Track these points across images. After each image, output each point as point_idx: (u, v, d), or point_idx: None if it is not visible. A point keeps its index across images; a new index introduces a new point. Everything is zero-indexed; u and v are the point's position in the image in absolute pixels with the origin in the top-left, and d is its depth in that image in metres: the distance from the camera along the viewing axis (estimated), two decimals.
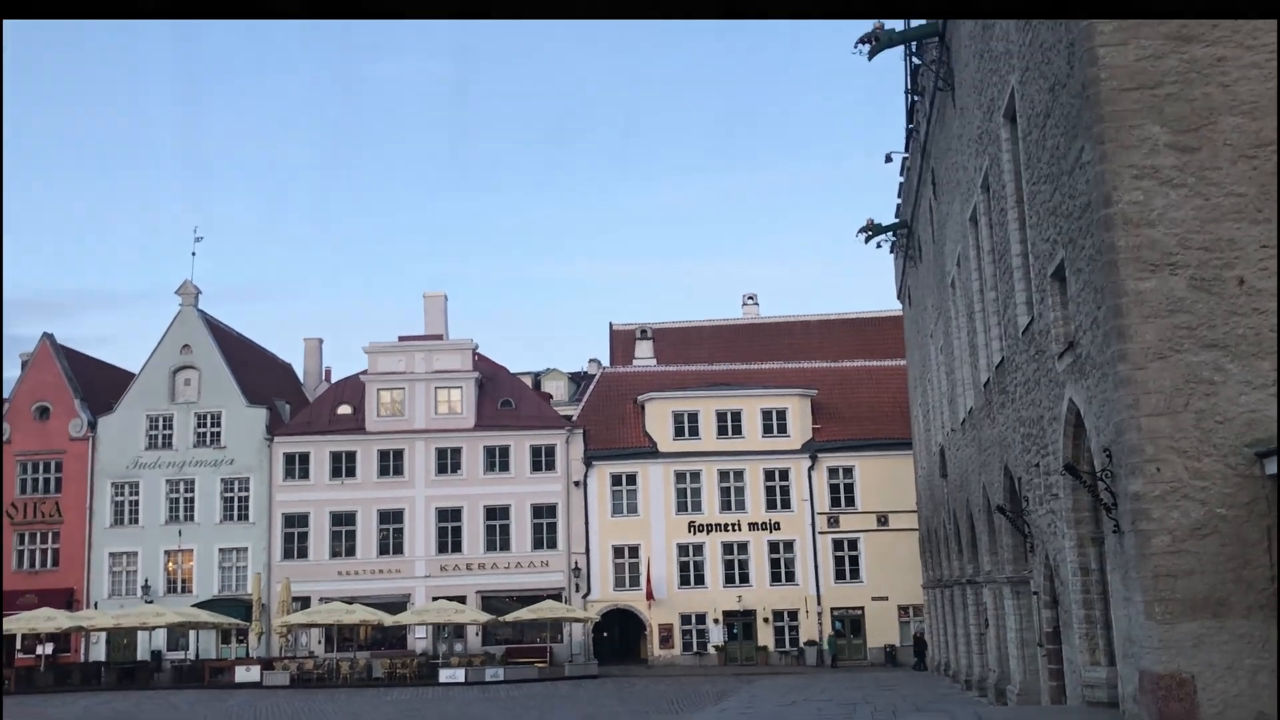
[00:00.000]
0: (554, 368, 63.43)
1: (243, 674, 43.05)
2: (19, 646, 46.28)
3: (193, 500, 50.01)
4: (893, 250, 41.20)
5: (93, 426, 50.28)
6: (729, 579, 49.92)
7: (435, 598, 47.85)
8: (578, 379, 62.67)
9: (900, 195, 36.80)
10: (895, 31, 24.61)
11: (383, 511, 49.99)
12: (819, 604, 49.73)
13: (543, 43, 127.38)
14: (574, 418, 52.19)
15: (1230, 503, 11.57)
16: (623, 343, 63.05)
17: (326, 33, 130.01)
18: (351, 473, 50.22)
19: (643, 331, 62.76)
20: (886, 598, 49.39)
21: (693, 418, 50.96)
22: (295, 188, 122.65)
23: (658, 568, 49.58)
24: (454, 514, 50.11)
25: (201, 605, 47.57)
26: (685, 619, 49.63)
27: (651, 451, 50.59)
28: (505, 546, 49.94)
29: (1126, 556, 12.26)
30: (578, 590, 49.49)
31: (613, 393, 53.71)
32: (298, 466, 50.20)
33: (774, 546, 50.15)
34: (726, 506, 50.36)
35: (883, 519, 49.90)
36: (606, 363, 61.27)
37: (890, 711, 22.91)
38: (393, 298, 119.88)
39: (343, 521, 49.94)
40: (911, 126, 31.37)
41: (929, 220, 30.55)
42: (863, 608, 49.84)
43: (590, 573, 49.73)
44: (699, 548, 50.08)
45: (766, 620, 49.63)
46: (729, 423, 50.95)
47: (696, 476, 50.52)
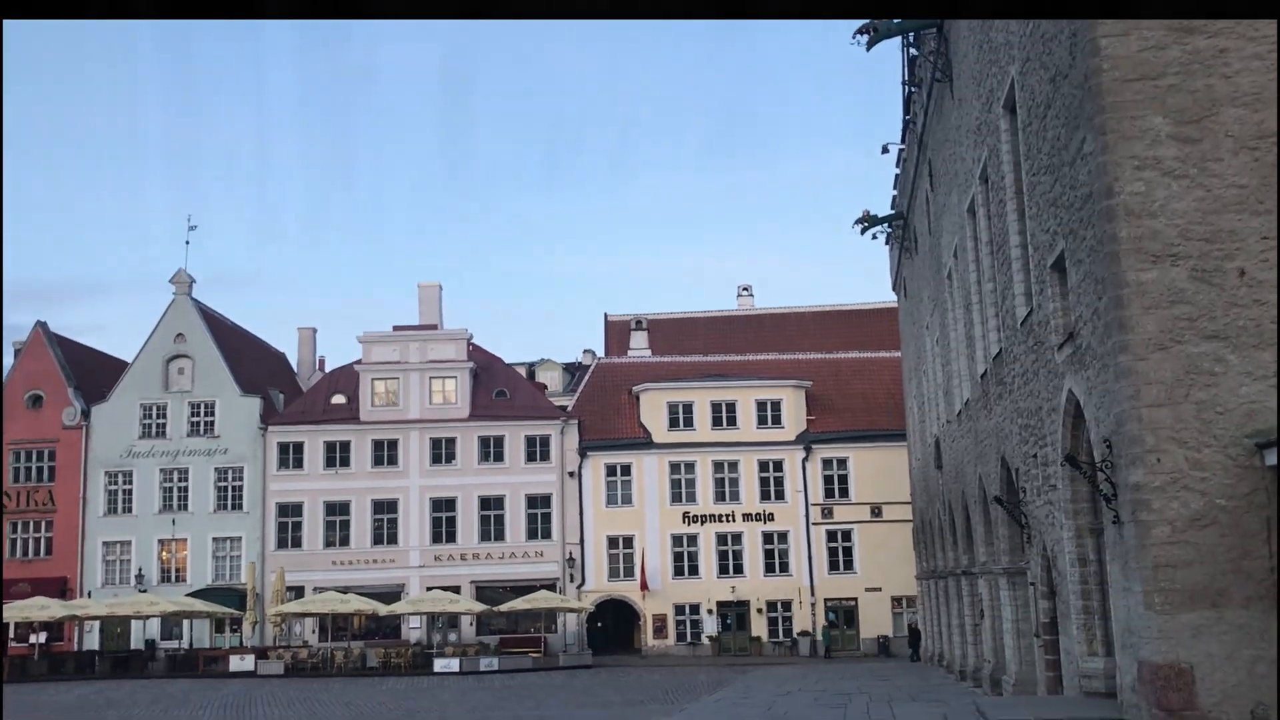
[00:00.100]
0: (548, 358, 63.29)
1: (237, 663, 43.05)
2: (12, 635, 46.21)
3: (186, 489, 49.96)
4: (888, 242, 41.18)
5: (86, 415, 50.18)
6: (723, 570, 50.02)
7: (430, 588, 47.87)
8: (572, 369, 62.62)
9: (896, 187, 36.78)
10: (894, 22, 24.59)
11: (377, 501, 49.97)
12: (812, 595, 49.86)
13: (541, 35, 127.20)
14: (569, 408, 52.20)
15: (1230, 494, 11.62)
16: (618, 333, 63.09)
17: (323, 21, 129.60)
18: (346, 462, 50.17)
19: (638, 322, 62.82)
20: (880, 589, 49.58)
21: (687, 409, 50.99)
22: (290, 177, 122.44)
23: (652, 558, 49.67)
24: (448, 504, 50.11)
25: (195, 594, 47.60)
26: (679, 609, 49.76)
27: (646, 442, 50.65)
28: (500, 537, 49.98)
29: (1126, 547, 12.30)
30: (572, 580, 49.55)
31: (607, 383, 53.74)
32: (292, 456, 50.15)
33: (768, 537, 50.26)
34: (721, 497, 50.45)
35: (876, 510, 50.02)
36: (601, 353, 61.25)
37: (886, 702, 22.98)
38: (387, 288, 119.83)
39: (337, 511, 49.90)
40: (908, 118, 31.31)
41: (925, 212, 30.55)
42: (856, 599, 49.98)
43: (584, 563, 49.81)
44: (693, 538, 50.16)
45: (760, 611, 49.76)
46: (723, 414, 50.99)
47: (691, 467, 50.59)
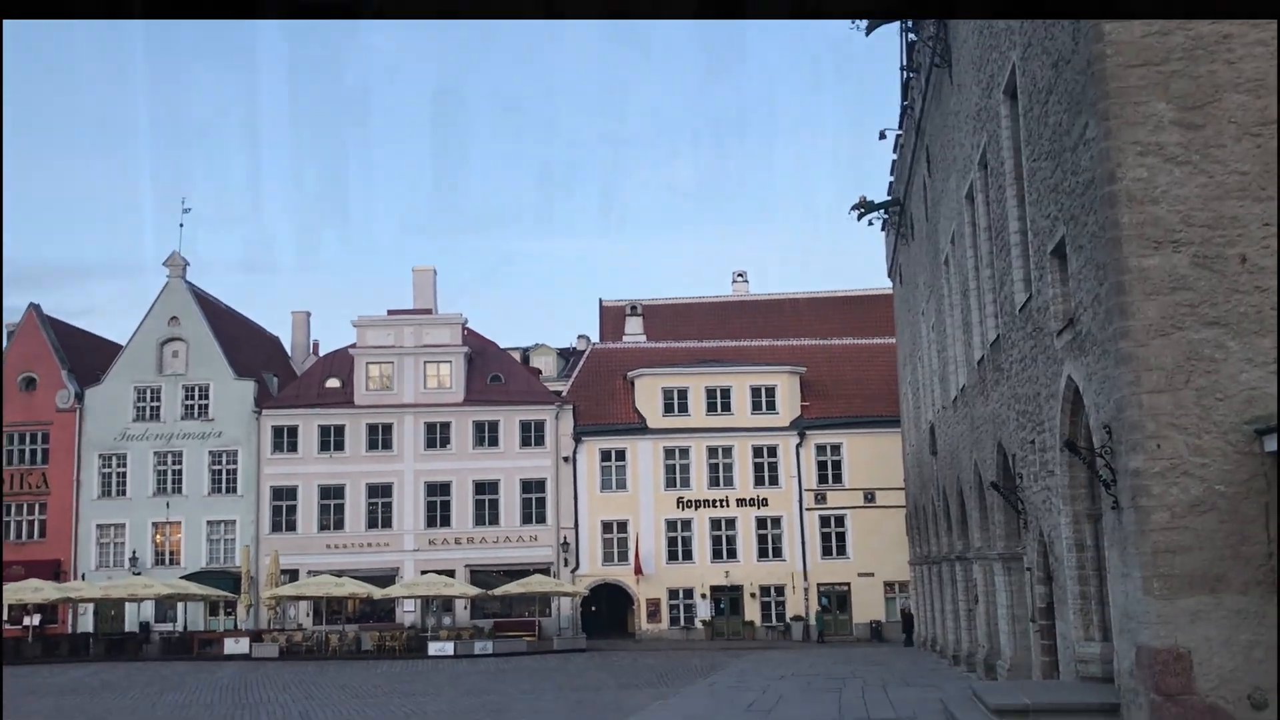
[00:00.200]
0: (543, 343, 63.32)
1: (231, 646, 43.06)
2: (6, 618, 46.18)
3: (180, 472, 49.90)
4: (884, 228, 41.16)
5: (80, 398, 50.05)
6: (716, 554, 50.12)
7: (424, 571, 47.93)
8: (567, 355, 62.63)
9: (893, 173, 36.72)
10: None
11: (371, 485, 49.97)
12: (805, 580, 50.00)
13: (534, 21, 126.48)
14: (563, 393, 52.20)
15: (1229, 479, 11.65)
16: (613, 319, 63.07)
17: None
18: (340, 446, 50.14)
19: (633, 308, 62.84)
20: (873, 574, 49.71)
21: (682, 394, 51.02)
22: (283, 161, 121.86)
23: (646, 543, 49.75)
24: (443, 488, 50.12)
25: (189, 577, 47.55)
26: (673, 594, 49.87)
27: (641, 427, 50.67)
28: (494, 521, 50.02)
29: (1125, 532, 12.33)
30: (566, 565, 49.62)
31: (602, 369, 53.73)
32: (286, 439, 50.11)
33: (761, 523, 50.37)
34: (715, 483, 50.53)
35: (870, 496, 50.13)
36: (596, 339, 61.23)
37: (880, 686, 23.09)
38: (381, 272, 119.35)
39: (331, 495, 49.89)
40: (906, 103, 31.20)
41: (923, 198, 30.52)
42: (849, 584, 50.14)
43: (579, 547, 49.87)
44: (687, 523, 50.24)
45: (753, 595, 49.89)
46: (718, 399, 51.03)
47: (685, 453, 50.64)
